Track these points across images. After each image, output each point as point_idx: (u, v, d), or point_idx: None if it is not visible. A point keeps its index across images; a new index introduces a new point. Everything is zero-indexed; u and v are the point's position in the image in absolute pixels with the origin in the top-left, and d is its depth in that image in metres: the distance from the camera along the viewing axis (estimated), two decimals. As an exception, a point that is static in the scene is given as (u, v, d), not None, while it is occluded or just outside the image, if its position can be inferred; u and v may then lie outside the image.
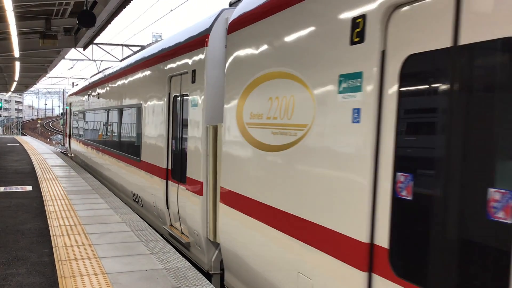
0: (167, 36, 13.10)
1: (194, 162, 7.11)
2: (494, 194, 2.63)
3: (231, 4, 7.67)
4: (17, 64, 24.06)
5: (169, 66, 8.46)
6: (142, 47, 12.38)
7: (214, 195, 6.63)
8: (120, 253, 6.53)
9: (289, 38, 4.58)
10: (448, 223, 2.88)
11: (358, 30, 3.59)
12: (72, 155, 23.13)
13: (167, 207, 8.53)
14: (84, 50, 19.42)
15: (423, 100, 3.17)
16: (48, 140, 56.99)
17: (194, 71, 7.27)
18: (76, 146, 21.50)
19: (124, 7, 11.84)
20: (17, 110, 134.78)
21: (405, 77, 3.22)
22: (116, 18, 13.09)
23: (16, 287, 5.29)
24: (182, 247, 7.90)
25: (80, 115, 20.27)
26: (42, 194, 11.16)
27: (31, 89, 62.45)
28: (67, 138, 25.53)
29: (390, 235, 3.29)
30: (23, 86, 45.28)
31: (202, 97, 6.87)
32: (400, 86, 3.25)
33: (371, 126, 3.43)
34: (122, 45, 27.17)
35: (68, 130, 25.22)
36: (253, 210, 5.19)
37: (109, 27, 14.58)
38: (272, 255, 4.77)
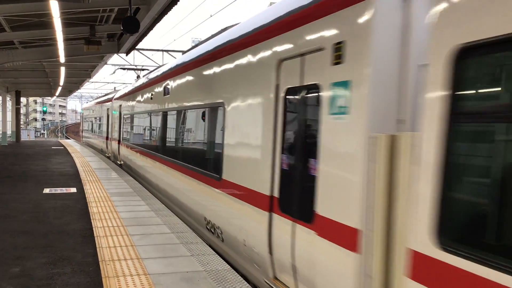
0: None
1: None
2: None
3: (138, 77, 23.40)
4: (62, 69, 24.82)
5: (107, 104, 23.52)
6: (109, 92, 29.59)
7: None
8: (161, 255, 6.63)
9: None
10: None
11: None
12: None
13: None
14: (126, 55, 19.85)
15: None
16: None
17: (112, 108, 22.42)
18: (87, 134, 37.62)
19: (166, 13, 12.03)
20: (61, 114, 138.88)
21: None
22: (157, 24, 13.34)
23: (62, 286, 5.45)
24: None
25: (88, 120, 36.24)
26: (86, 196, 11.46)
27: (75, 93, 64.22)
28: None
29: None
30: (67, 91, 46.62)
31: (118, 115, 20.68)
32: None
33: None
34: (162, 50, 27.65)
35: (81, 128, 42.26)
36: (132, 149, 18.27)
37: (150, 33, 15.16)
38: (138, 163, 15.79)
